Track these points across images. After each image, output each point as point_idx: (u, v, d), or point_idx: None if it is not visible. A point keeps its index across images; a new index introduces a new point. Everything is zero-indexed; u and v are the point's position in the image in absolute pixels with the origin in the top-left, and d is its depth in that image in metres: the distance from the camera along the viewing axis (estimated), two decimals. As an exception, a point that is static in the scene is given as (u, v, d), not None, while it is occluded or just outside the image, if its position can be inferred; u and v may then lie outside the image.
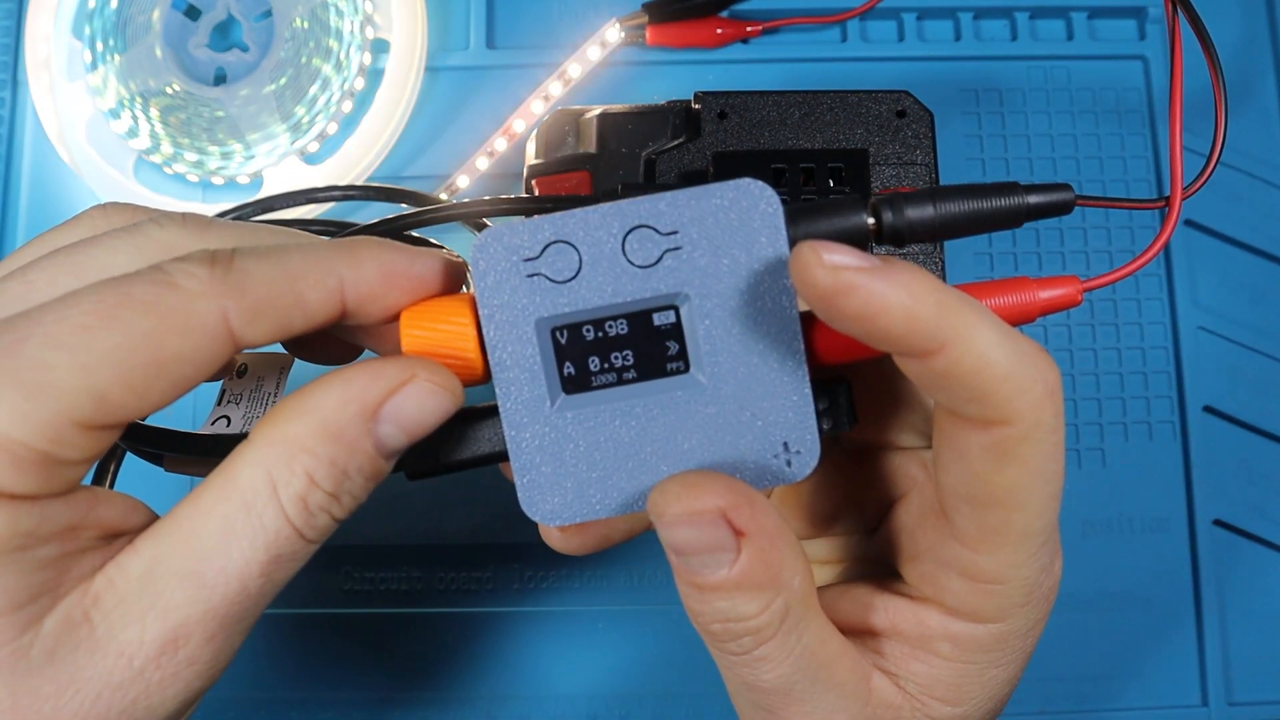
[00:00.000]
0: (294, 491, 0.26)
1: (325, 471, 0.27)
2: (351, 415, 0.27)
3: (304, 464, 0.26)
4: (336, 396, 0.27)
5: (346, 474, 0.27)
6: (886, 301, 0.25)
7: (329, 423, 0.27)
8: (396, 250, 0.29)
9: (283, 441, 0.27)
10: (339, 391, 0.27)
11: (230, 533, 0.26)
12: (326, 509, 0.27)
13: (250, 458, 0.27)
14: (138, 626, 0.26)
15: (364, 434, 0.27)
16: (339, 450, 0.27)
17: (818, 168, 0.46)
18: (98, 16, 0.57)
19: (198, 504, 0.26)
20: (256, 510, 0.26)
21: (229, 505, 0.26)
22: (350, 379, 0.27)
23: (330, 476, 0.27)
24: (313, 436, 0.27)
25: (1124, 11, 0.61)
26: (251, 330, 0.27)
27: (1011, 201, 0.28)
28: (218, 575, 0.26)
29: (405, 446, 0.28)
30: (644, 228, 0.28)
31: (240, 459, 0.27)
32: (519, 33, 0.60)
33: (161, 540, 0.26)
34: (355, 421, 0.27)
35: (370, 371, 0.27)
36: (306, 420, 0.27)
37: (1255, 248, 0.58)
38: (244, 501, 0.26)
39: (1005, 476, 0.27)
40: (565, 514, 0.29)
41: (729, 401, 0.29)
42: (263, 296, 0.27)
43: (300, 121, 0.56)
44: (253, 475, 0.26)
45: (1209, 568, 0.55)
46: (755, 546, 0.27)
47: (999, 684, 0.31)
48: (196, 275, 0.26)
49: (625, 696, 0.54)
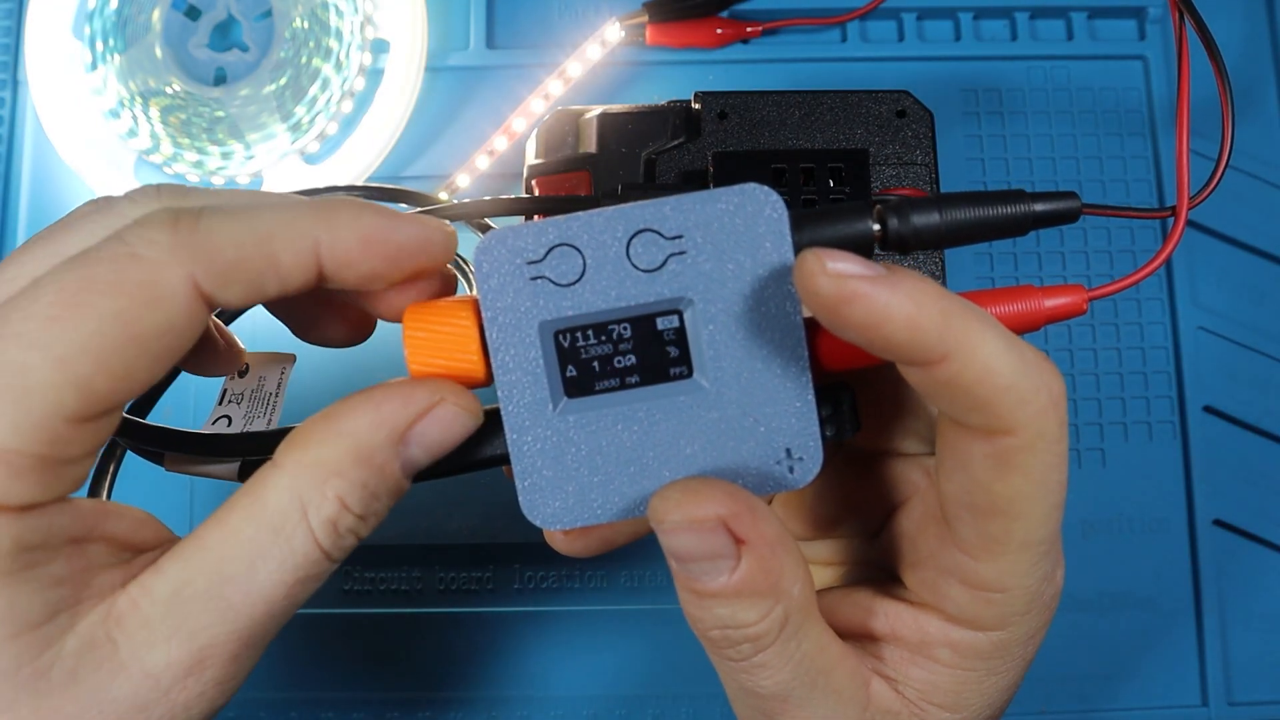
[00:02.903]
0: (325, 515, 0.26)
1: (356, 495, 0.27)
2: (383, 440, 0.27)
3: (336, 488, 0.26)
4: (369, 421, 0.27)
5: (376, 496, 0.27)
6: (890, 310, 0.25)
7: (361, 447, 0.27)
8: (376, 214, 0.28)
9: (314, 465, 0.26)
10: (370, 416, 0.27)
11: (258, 555, 0.26)
12: (354, 530, 0.27)
13: (280, 481, 0.26)
14: (164, 648, 0.25)
15: (393, 457, 0.27)
16: (370, 474, 0.27)
17: (818, 168, 0.45)
18: (98, 16, 0.56)
19: (225, 525, 0.26)
20: (286, 534, 0.26)
21: (257, 528, 0.26)
22: (380, 403, 0.27)
23: (361, 500, 0.27)
24: (345, 460, 0.26)
25: (1124, 11, 0.61)
26: (224, 294, 0.26)
27: (1017, 210, 0.28)
28: (244, 597, 0.26)
29: (427, 464, 0.28)
30: (648, 231, 0.28)
31: (269, 482, 0.26)
32: (519, 33, 0.60)
33: (188, 562, 0.26)
34: (386, 446, 0.27)
35: (400, 396, 0.27)
36: (338, 444, 0.27)
37: (1255, 248, 0.58)
38: (273, 525, 0.26)
39: (1007, 486, 0.27)
40: (566, 518, 0.29)
41: (732, 407, 0.29)
42: (232, 259, 0.26)
43: (300, 121, 0.56)
44: (282, 499, 0.26)
45: (1209, 568, 0.55)
46: (755, 555, 0.27)
47: (998, 691, 0.31)
48: (158, 241, 0.25)
49: (626, 698, 0.54)
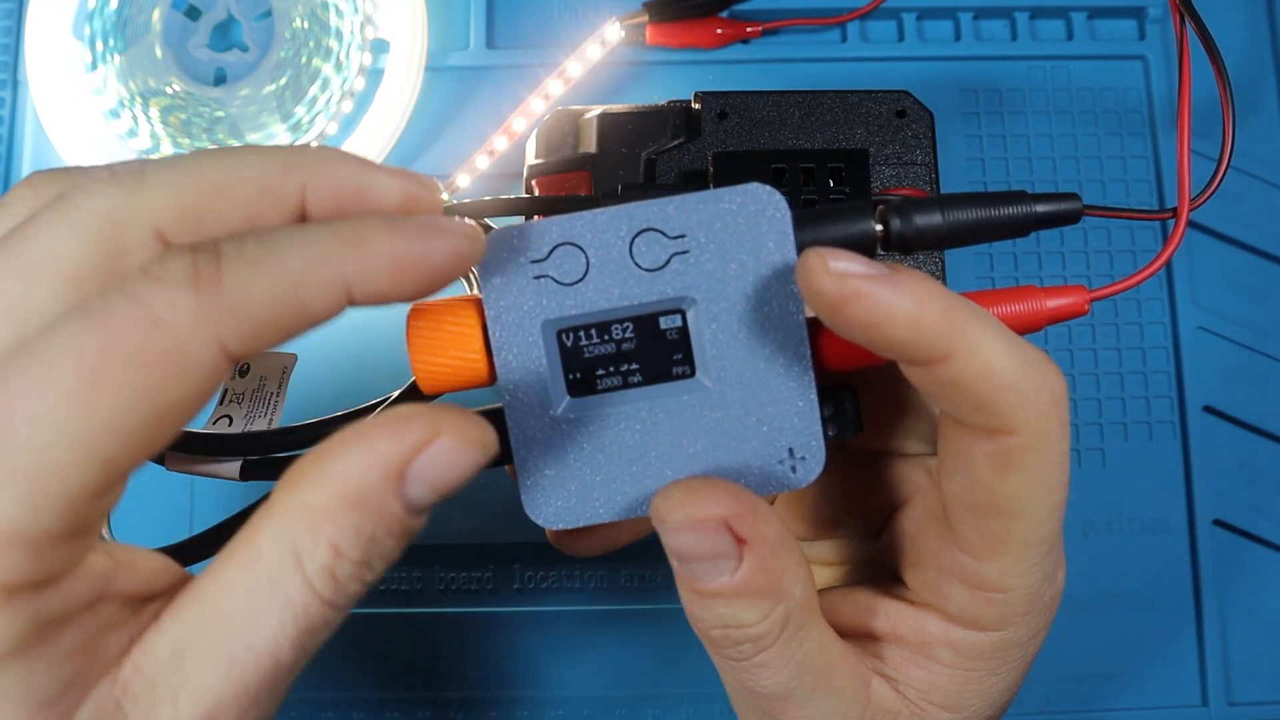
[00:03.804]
0: (320, 564, 0.24)
1: (351, 540, 0.25)
2: (375, 480, 0.25)
3: (328, 534, 0.24)
4: (358, 461, 0.25)
5: (374, 539, 0.25)
6: (892, 309, 0.25)
7: (352, 489, 0.24)
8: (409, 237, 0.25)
9: (304, 510, 0.24)
10: (360, 455, 0.25)
11: (257, 609, 0.24)
12: (357, 577, 0.25)
13: (271, 528, 0.25)
14: (169, 711, 0.24)
15: (391, 497, 0.25)
16: (364, 518, 0.25)
17: (818, 168, 0.45)
18: (98, 16, 0.56)
19: (221, 578, 0.25)
20: (282, 585, 0.24)
21: (253, 580, 0.24)
22: (372, 440, 0.25)
23: (357, 545, 0.25)
24: (335, 504, 0.24)
25: (1124, 11, 0.61)
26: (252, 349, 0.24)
27: (1019, 211, 0.28)
28: (247, 653, 0.24)
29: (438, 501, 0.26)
30: (652, 231, 0.28)
31: (261, 528, 0.25)
32: (519, 33, 0.60)
33: (186, 618, 0.25)
34: (380, 486, 0.25)
35: (393, 430, 0.25)
36: (327, 487, 0.25)
37: (1255, 248, 0.58)
38: (268, 576, 0.24)
39: (1009, 485, 0.27)
40: (568, 517, 0.29)
41: (734, 406, 0.29)
42: (261, 315, 0.24)
43: (300, 121, 0.56)
44: (275, 548, 0.24)
45: (1209, 568, 0.55)
46: (757, 555, 0.27)
47: (998, 692, 0.31)
48: (180, 305, 0.23)
49: (626, 698, 0.54)
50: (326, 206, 0.27)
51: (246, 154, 0.26)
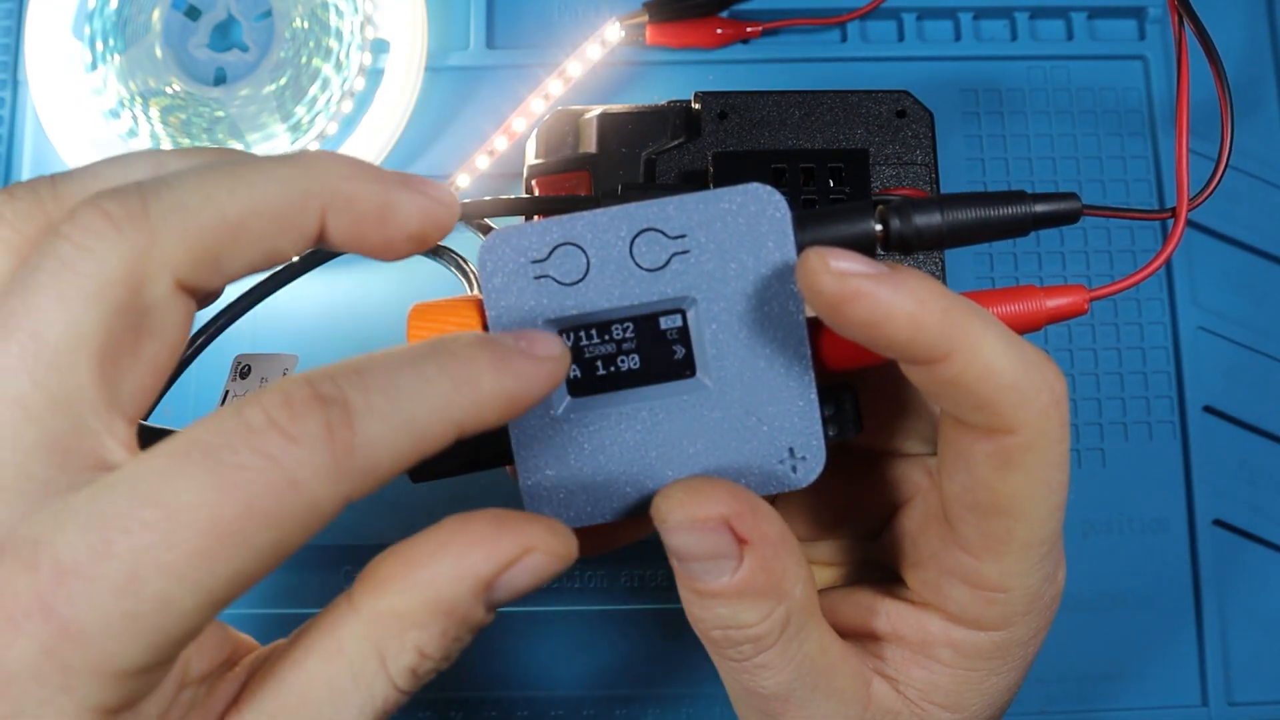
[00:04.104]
0: (405, 665, 0.25)
1: (436, 644, 0.25)
2: (465, 592, 0.25)
3: (415, 640, 0.25)
4: (451, 572, 0.25)
5: (458, 639, 0.26)
6: (893, 308, 0.25)
7: (443, 600, 0.25)
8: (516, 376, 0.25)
9: (392, 616, 0.25)
10: (453, 566, 0.25)
11: (340, 702, 0.25)
12: (435, 669, 0.26)
13: (357, 629, 0.25)
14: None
15: (476, 606, 0.26)
16: (450, 624, 0.25)
17: (818, 168, 0.45)
18: (98, 16, 0.56)
19: (304, 670, 0.25)
20: (365, 681, 0.25)
21: (337, 674, 0.25)
22: (464, 553, 0.25)
23: (441, 647, 0.25)
24: (425, 613, 0.25)
25: (1124, 11, 0.61)
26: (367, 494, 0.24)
27: (1018, 211, 0.28)
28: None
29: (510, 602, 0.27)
30: (652, 231, 0.28)
31: (346, 627, 0.25)
32: (519, 33, 0.60)
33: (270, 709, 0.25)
34: (470, 597, 0.25)
35: (486, 545, 0.25)
36: (417, 594, 0.25)
37: (1255, 248, 0.58)
38: (353, 673, 0.25)
39: (1009, 485, 0.27)
40: (569, 517, 0.29)
41: (735, 406, 0.29)
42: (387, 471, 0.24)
43: (300, 121, 0.56)
44: (360, 648, 0.25)
45: (1209, 568, 0.55)
46: (757, 555, 0.27)
47: (999, 691, 0.31)
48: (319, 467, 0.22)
49: (626, 698, 0.54)
50: (346, 233, 0.27)
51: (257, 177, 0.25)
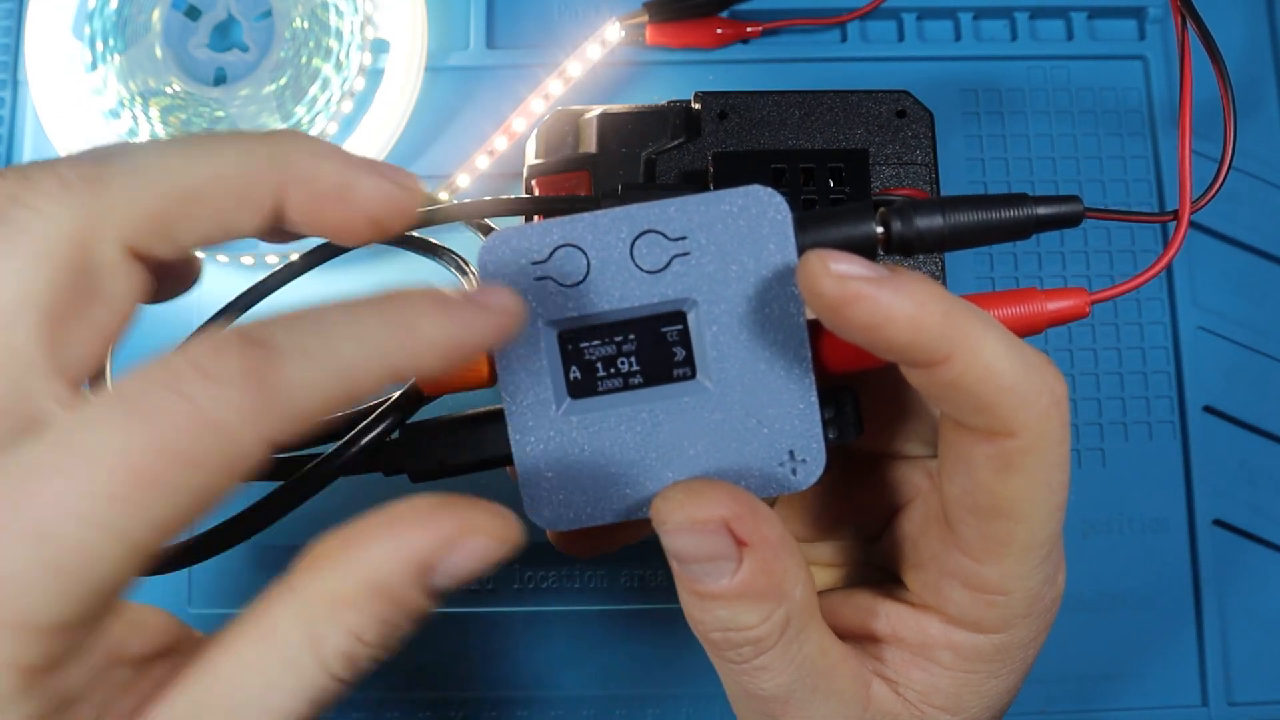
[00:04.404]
0: (338, 649, 0.24)
1: (372, 629, 0.25)
2: (402, 574, 0.25)
3: (349, 622, 0.24)
4: (389, 553, 0.25)
5: (395, 626, 0.25)
6: (893, 311, 0.25)
7: (379, 581, 0.24)
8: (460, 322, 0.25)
9: (327, 597, 0.24)
10: (390, 547, 0.25)
11: (270, 686, 0.24)
12: (372, 656, 0.25)
13: (291, 610, 0.24)
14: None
15: (415, 591, 0.25)
16: (387, 607, 0.25)
17: (818, 168, 0.45)
18: (98, 16, 0.56)
19: (234, 652, 0.24)
20: (298, 666, 0.24)
21: (268, 658, 0.24)
22: (402, 533, 0.25)
23: (377, 633, 0.25)
24: (360, 594, 0.24)
25: (1124, 11, 0.60)
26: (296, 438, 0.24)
27: (1020, 213, 0.28)
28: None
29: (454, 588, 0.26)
30: (653, 233, 0.28)
31: (280, 607, 0.25)
32: (519, 33, 0.60)
33: (196, 692, 0.24)
34: (408, 581, 0.25)
35: (425, 525, 0.25)
36: (353, 575, 0.25)
37: (1255, 248, 0.58)
38: (284, 657, 0.24)
39: (1009, 487, 0.27)
40: (569, 519, 0.29)
41: (735, 408, 0.29)
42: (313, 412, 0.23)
43: (300, 121, 0.56)
44: (292, 630, 0.24)
45: (1209, 568, 0.55)
46: (757, 557, 0.27)
47: (998, 694, 0.31)
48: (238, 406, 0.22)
49: (626, 698, 0.54)
50: (304, 211, 0.26)
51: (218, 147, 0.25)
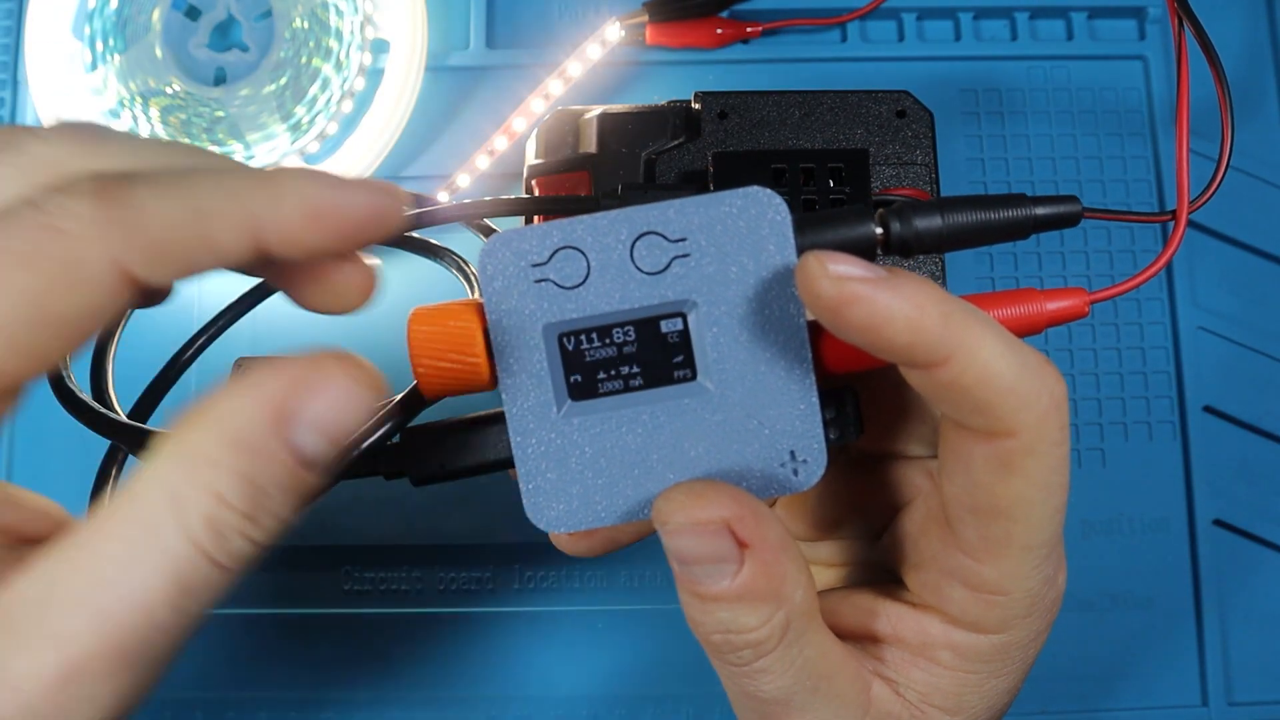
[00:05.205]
0: (201, 512, 0.23)
1: (236, 488, 0.23)
2: (261, 423, 0.23)
3: (210, 480, 0.23)
4: (246, 401, 0.23)
5: (263, 490, 0.23)
6: (892, 313, 0.25)
7: (236, 430, 0.23)
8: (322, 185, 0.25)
9: (186, 455, 0.23)
10: (246, 395, 0.23)
11: (132, 557, 0.22)
12: (241, 531, 0.23)
13: (151, 473, 0.23)
14: (27, 656, 0.22)
15: (279, 443, 0.23)
16: (250, 462, 0.23)
17: (818, 168, 0.45)
18: (98, 16, 0.56)
19: (99, 523, 0.23)
20: (158, 532, 0.23)
21: (130, 527, 0.23)
22: (257, 381, 0.24)
23: (243, 493, 0.23)
24: (218, 447, 0.23)
25: (1124, 11, 0.61)
26: (152, 275, 0.24)
27: (1019, 213, 0.28)
28: (119, 604, 0.22)
29: (331, 454, 0.24)
30: (653, 234, 0.28)
31: (141, 474, 0.23)
32: (519, 32, 0.60)
33: (59, 562, 0.23)
34: (266, 428, 0.23)
35: (278, 371, 0.24)
36: (211, 428, 0.23)
37: (1255, 248, 0.58)
38: (145, 523, 0.23)
39: (1009, 488, 0.27)
40: (570, 521, 0.29)
41: (736, 409, 0.29)
42: (162, 238, 0.23)
43: (300, 121, 0.56)
44: (153, 493, 0.23)
45: (1209, 568, 0.55)
46: (758, 559, 0.27)
47: (999, 694, 0.31)
48: (80, 215, 0.23)
49: (626, 698, 0.54)
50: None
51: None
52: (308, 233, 0.25)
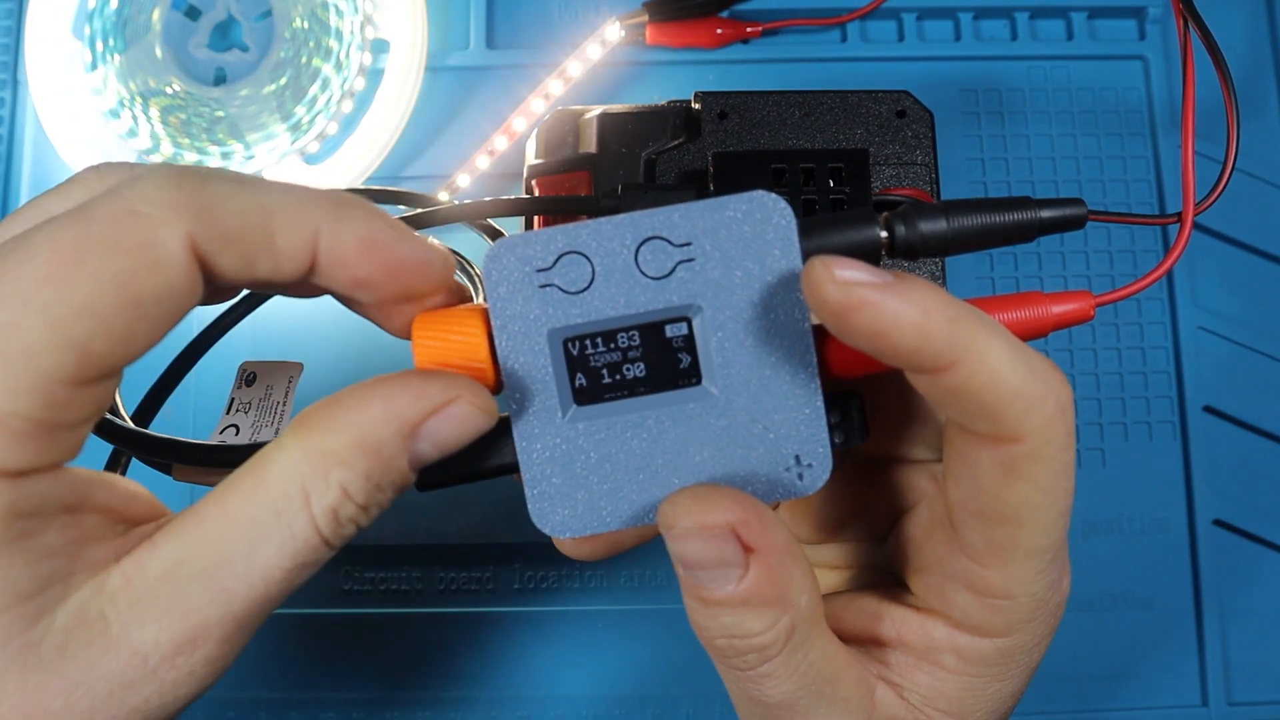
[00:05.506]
0: (327, 503, 0.26)
1: (360, 485, 0.26)
2: (391, 433, 0.26)
3: (340, 477, 0.26)
4: (379, 413, 0.26)
5: (380, 488, 0.27)
6: (898, 318, 0.25)
7: (368, 439, 0.26)
8: (382, 221, 0.28)
9: (320, 453, 0.26)
10: (381, 408, 0.26)
11: (258, 538, 0.25)
12: (355, 520, 0.27)
13: (284, 465, 0.26)
14: (154, 626, 0.25)
15: (401, 451, 0.26)
16: (375, 466, 0.26)
17: (818, 168, 0.45)
18: (98, 16, 0.56)
19: (224, 506, 0.26)
20: (287, 519, 0.26)
21: (258, 510, 0.26)
22: (392, 395, 0.26)
23: (364, 490, 0.26)
24: (351, 450, 0.26)
25: (1124, 11, 0.61)
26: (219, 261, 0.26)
27: (1024, 216, 0.28)
28: (241, 580, 0.25)
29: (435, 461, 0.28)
30: (657, 239, 0.28)
31: (273, 464, 0.26)
32: (519, 32, 0.60)
33: (185, 540, 0.26)
34: (394, 440, 0.26)
35: (414, 389, 0.27)
36: (345, 433, 0.26)
37: (1255, 248, 0.58)
38: (274, 509, 0.26)
39: (1014, 493, 0.27)
40: (575, 526, 0.29)
41: (741, 414, 0.29)
42: (233, 226, 0.26)
43: (300, 121, 0.56)
44: (286, 483, 0.26)
45: (1209, 568, 0.55)
46: (763, 563, 0.27)
47: (1002, 698, 0.31)
48: (156, 199, 0.25)
49: (626, 698, 0.54)
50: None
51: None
52: (360, 260, 0.27)
